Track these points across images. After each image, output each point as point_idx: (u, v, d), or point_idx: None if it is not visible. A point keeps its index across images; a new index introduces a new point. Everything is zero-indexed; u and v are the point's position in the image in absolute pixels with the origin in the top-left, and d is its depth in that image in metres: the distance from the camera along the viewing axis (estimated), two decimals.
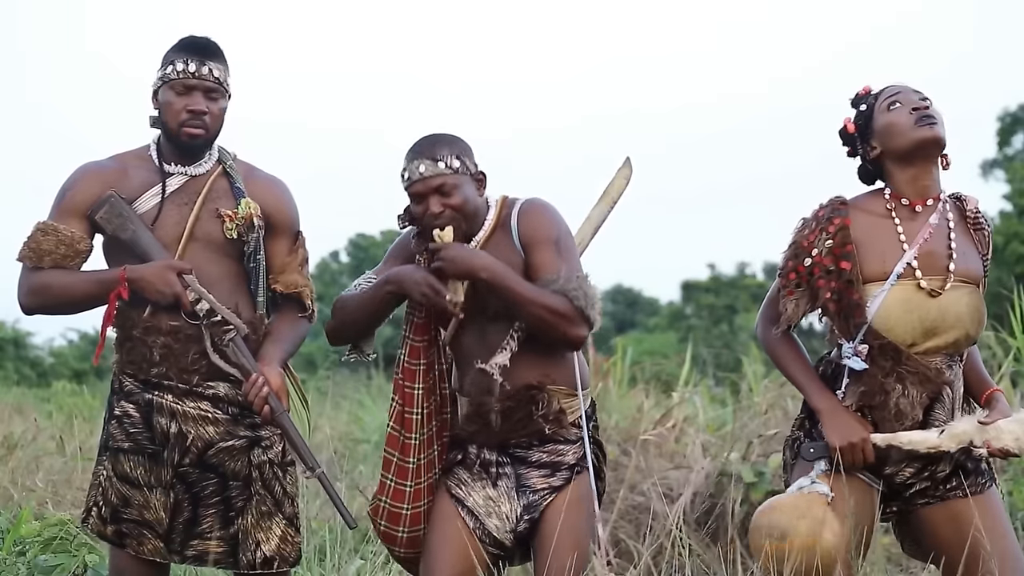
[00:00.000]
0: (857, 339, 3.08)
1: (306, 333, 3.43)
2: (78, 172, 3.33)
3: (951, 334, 3.09)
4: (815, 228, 3.13)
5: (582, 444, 3.20)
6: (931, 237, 3.11)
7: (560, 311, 3.06)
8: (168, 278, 3.20)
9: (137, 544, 3.28)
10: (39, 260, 3.25)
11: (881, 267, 3.09)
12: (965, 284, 3.12)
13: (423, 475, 3.22)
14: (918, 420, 3.08)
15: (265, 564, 3.30)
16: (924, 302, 3.07)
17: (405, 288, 3.12)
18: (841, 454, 3.03)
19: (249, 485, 3.30)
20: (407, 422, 3.20)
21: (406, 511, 3.21)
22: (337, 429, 8.55)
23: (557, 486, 3.17)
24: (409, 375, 3.21)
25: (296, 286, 3.38)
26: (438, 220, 3.12)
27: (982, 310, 3.14)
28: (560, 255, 3.12)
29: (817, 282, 3.11)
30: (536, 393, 3.15)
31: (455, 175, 3.13)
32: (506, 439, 3.18)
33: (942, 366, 3.09)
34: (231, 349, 3.23)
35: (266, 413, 3.21)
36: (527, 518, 3.18)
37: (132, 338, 3.27)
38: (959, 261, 3.11)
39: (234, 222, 3.29)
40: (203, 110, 3.26)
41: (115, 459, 3.29)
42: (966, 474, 3.12)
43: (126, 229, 3.25)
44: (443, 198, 3.13)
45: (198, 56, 3.28)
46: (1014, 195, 24.69)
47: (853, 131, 3.23)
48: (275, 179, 3.45)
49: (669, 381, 9.25)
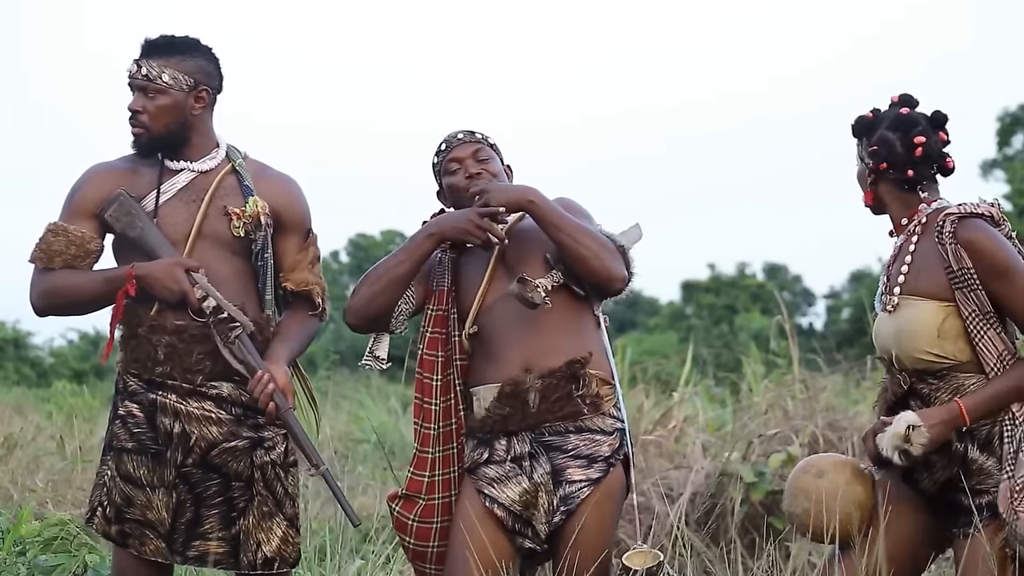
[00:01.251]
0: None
1: (316, 332, 3.44)
2: (88, 172, 3.34)
3: (902, 350, 3.12)
4: None
5: (617, 435, 3.18)
6: (893, 260, 3.20)
7: (604, 243, 3.15)
8: (176, 275, 3.20)
9: (139, 544, 3.28)
10: (50, 261, 3.26)
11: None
12: (920, 299, 3.10)
13: (438, 470, 3.23)
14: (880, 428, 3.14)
15: (266, 565, 3.29)
16: (884, 320, 3.19)
17: (445, 230, 3.19)
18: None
19: (251, 486, 3.29)
20: (427, 413, 3.23)
21: (422, 501, 3.23)
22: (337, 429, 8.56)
23: (595, 478, 3.13)
24: (428, 366, 3.25)
25: (307, 284, 3.38)
26: (476, 181, 3.22)
27: (936, 325, 3.07)
28: (591, 224, 3.23)
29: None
30: (578, 369, 3.13)
31: (490, 149, 3.32)
32: (541, 422, 3.14)
33: (912, 379, 3.11)
34: (237, 346, 3.23)
35: (271, 410, 3.22)
36: (563, 509, 3.13)
37: (137, 336, 3.27)
38: (909, 278, 3.12)
39: (241, 220, 3.29)
40: (137, 109, 3.30)
41: (119, 459, 3.29)
42: (960, 511, 3.10)
43: (134, 227, 3.26)
44: (480, 164, 3.27)
45: (140, 57, 3.32)
46: (1014, 195, 24.66)
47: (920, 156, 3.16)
48: (286, 177, 3.46)
49: (669, 381, 9.25)
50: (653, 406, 7.10)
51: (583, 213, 3.26)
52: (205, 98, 3.36)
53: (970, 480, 3.05)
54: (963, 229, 3.06)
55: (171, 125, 3.31)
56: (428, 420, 3.24)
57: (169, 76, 3.30)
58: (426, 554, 3.26)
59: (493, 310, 3.22)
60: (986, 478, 3.05)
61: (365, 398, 10.44)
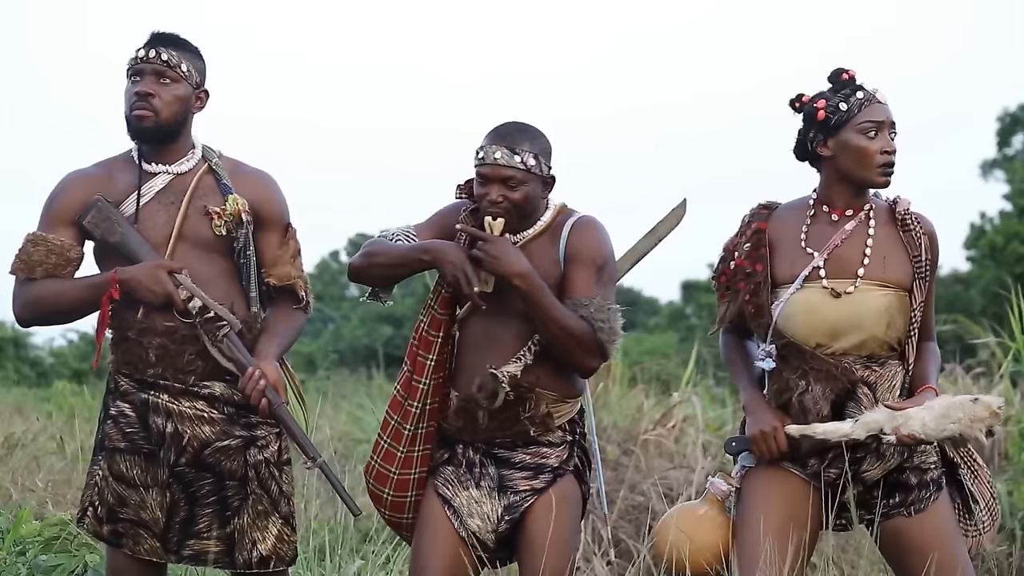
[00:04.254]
0: (767, 339, 3.18)
1: (302, 325, 3.44)
2: (63, 181, 3.33)
3: (855, 336, 3.15)
4: (739, 232, 3.26)
5: (565, 447, 3.22)
6: (844, 243, 3.17)
7: (580, 338, 3.11)
8: (159, 277, 3.20)
9: (134, 544, 3.28)
10: (31, 271, 3.25)
11: (789, 270, 3.19)
12: (882, 287, 3.15)
13: (417, 445, 3.26)
14: (824, 415, 3.13)
15: (261, 563, 3.30)
16: (827, 304, 3.15)
17: (440, 265, 3.15)
18: (756, 444, 3.14)
19: (245, 484, 3.30)
20: (413, 390, 3.24)
21: (394, 475, 3.28)
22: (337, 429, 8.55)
23: (539, 488, 3.19)
24: (426, 345, 3.24)
25: (289, 278, 3.38)
26: (493, 209, 3.16)
27: (895, 312, 3.16)
28: (599, 281, 3.17)
29: (737, 284, 3.22)
30: (524, 393, 3.15)
31: (526, 173, 3.16)
32: (491, 438, 3.21)
33: (856, 365, 3.14)
34: (226, 345, 3.23)
35: (264, 406, 3.22)
36: (508, 519, 3.20)
37: (127, 339, 3.27)
38: (872, 266, 3.16)
39: (222, 219, 3.29)
40: (149, 92, 3.26)
41: (111, 459, 3.29)
42: (907, 490, 3.17)
43: (114, 232, 3.25)
44: (507, 190, 3.16)
45: (149, 44, 3.30)
46: (1014, 195, 24.68)
47: (822, 120, 3.19)
48: (262, 173, 3.45)
49: (669, 381, 9.25)
50: (653, 406, 7.10)
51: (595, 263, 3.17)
52: (203, 99, 3.37)
53: (917, 459, 3.17)
54: (925, 223, 3.21)
55: (177, 116, 3.30)
56: (414, 397, 3.26)
57: (186, 66, 3.31)
58: (402, 524, 3.35)
59: (468, 323, 3.26)
60: (927, 457, 3.19)
61: (365, 399, 10.43)
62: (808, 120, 3.22)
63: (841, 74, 3.22)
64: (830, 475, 3.16)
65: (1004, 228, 23.81)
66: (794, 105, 3.26)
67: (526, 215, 3.20)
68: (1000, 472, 6.30)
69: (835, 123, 3.17)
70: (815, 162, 3.25)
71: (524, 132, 3.19)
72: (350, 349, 27.49)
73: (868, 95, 3.18)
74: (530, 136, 3.19)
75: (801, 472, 3.17)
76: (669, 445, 6.37)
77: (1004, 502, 5.54)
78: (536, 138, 3.20)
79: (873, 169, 3.15)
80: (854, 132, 3.15)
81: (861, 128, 3.14)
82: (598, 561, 4.28)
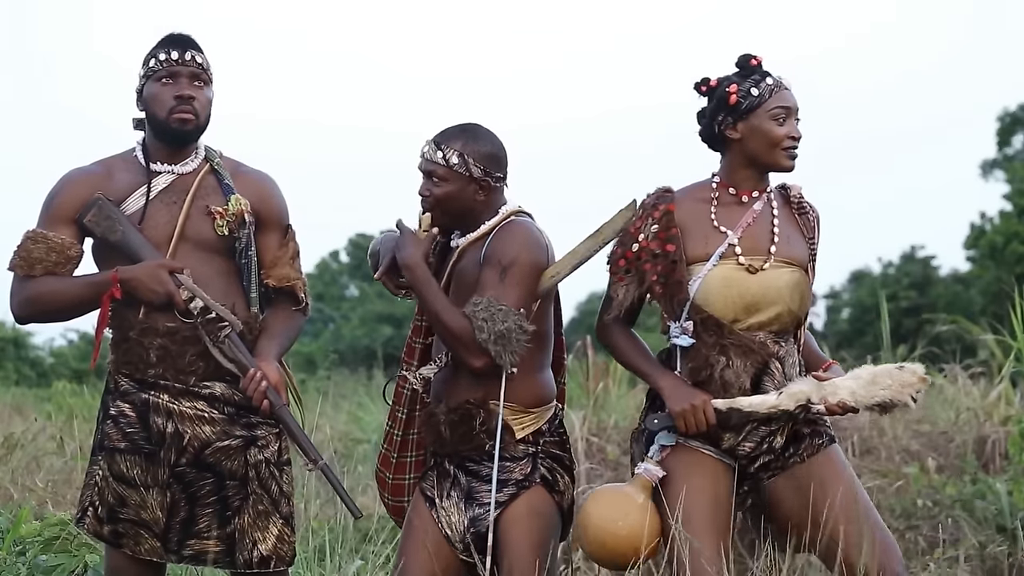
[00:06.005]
0: (683, 317, 3.22)
1: (301, 326, 3.45)
2: (63, 179, 3.32)
3: (772, 309, 3.22)
4: (642, 215, 3.27)
5: (528, 459, 3.23)
6: (754, 222, 3.26)
7: (457, 334, 3.13)
8: (160, 277, 3.20)
9: (134, 544, 3.28)
10: (30, 268, 3.24)
11: (704, 249, 3.23)
12: (788, 265, 3.25)
13: (409, 450, 3.38)
14: (745, 389, 3.18)
15: (262, 563, 3.30)
16: (744, 279, 3.22)
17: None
18: (684, 418, 3.15)
19: (246, 484, 3.30)
20: (398, 395, 3.36)
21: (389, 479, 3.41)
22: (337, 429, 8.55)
23: (502, 502, 3.20)
24: (409, 352, 3.36)
25: (288, 279, 3.38)
26: (421, 201, 3.27)
27: (804, 289, 3.27)
28: (501, 282, 3.14)
29: (644, 266, 3.25)
30: (472, 410, 3.17)
31: (447, 170, 3.21)
32: (455, 451, 3.24)
33: (767, 340, 3.22)
34: (227, 345, 3.23)
35: (265, 407, 3.22)
36: (472, 531, 3.22)
37: (128, 339, 3.26)
38: (781, 244, 3.26)
39: (225, 219, 3.29)
40: (191, 95, 3.26)
41: (111, 459, 3.29)
42: (801, 439, 3.24)
43: (115, 231, 3.24)
44: (431, 185, 3.24)
45: (179, 46, 3.29)
46: (1014, 195, 24.69)
47: (733, 104, 3.25)
48: (262, 174, 3.45)
49: None
50: None
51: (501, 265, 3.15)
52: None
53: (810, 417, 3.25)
54: (815, 208, 3.36)
55: (208, 118, 3.33)
56: (399, 403, 3.38)
57: (211, 69, 3.34)
58: (402, 510, 3.40)
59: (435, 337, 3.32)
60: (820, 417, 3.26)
61: (365, 398, 10.44)
62: (719, 103, 3.28)
63: (750, 59, 3.29)
64: (744, 449, 3.21)
65: (1004, 228, 23.81)
66: (700, 88, 3.33)
67: (453, 214, 3.25)
68: (1000, 472, 6.30)
69: (746, 108, 3.24)
70: (720, 145, 3.32)
71: (464, 132, 3.24)
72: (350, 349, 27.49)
73: (777, 82, 3.27)
74: (467, 137, 3.23)
75: (715, 452, 3.22)
76: None
77: (1004, 502, 5.55)
78: (475, 140, 3.23)
79: (780, 153, 3.24)
80: (765, 117, 3.23)
81: (772, 114, 3.23)
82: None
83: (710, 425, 3.15)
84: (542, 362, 3.28)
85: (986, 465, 6.54)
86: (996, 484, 5.74)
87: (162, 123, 3.28)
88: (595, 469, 6.08)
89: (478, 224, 3.26)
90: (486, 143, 3.24)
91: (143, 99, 3.32)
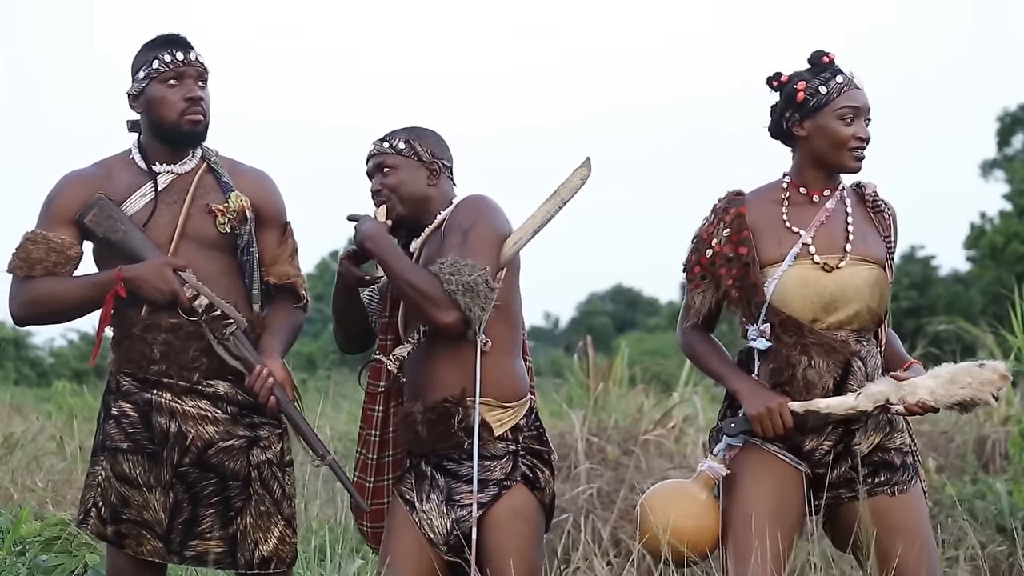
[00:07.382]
0: (760, 319, 3.18)
1: (302, 323, 3.45)
2: (62, 180, 3.32)
3: (851, 307, 3.18)
4: (713, 220, 3.25)
5: (508, 458, 3.20)
6: (827, 220, 3.22)
7: (424, 291, 3.09)
8: (165, 275, 3.20)
9: (136, 544, 3.28)
10: (30, 269, 3.23)
11: (777, 250, 3.20)
12: (865, 262, 3.22)
13: (386, 474, 3.37)
14: (829, 390, 3.14)
15: (263, 564, 3.30)
16: (821, 278, 3.17)
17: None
18: (760, 422, 3.11)
19: (248, 485, 3.30)
20: (366, 417, 3.37)
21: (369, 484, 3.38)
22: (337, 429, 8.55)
23: (484, 502, 3.17)
24: (375, 373, 3.35)
25: (288, 277, 3.38)
26: (375, 198, 3.29)
27: (883, 286, 3.24)
28: (464, 243, 3.13)
29: (719, 271, 3.21)
30: (450, 408, 3.15)
31: (395, 156, 3.28)
32: (433, 450, 3.21)
33: (849, 339, 3.18)
34: (232, 343, 3.23)
35: (272, 404, 3.22)
36: (455, 533, 3.20)
37: (131, 336, 3.26)
38: (856, 242, 3.22)
39: (226, 216, 3.29)
40: (201, 96, 3.28)
41: (113, 459, 3.28)
42: (893, 470, 3.19)
43: (116, 231, 3.24)
44: (383, 177, 3.28)
45: (182, 47, 3.30)
46: (1014, 195, 24.69)
47: (800, 101, 3.21)
48: (259, 171, 3.45)
49: (669, 381, 9.25)
50: (653, 406, 7.10)
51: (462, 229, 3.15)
52: None
53: (898, 439, 3.21)
54: (891, 206, 3.32)
55: (210, 118, 3.34)
56: (369, 424, 3.37)
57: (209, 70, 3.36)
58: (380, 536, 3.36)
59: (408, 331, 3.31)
60: (905, 438, 3.23)
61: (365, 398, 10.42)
62: (787, 100, 3.25)
63: (822, 56, 3.24)
64: (821, 451, 3.17)
65: (1004, 228, 23.82)
66: (771, 83, 3.30)
67: (407, 201, 3.27)
68: (1000, 472, 6.30)
69: (813, 105, 3.20)
70: (789, 141, 3.29)
71: (407, 129, 3.33)
72: None
73: (847, 80, 3.22)
74: (410, 130, 3.33)
75: (789, 456, 3.17)
76: (669, 445, 6.37)
77: (1004, 502, 5.55)
78: (412, 130, 3.33)
79: (846, 154, 3.20)
80: (832, 116, 3.19)
81: (839, 113, 3.18)
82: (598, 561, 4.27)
83: (787, 428, 3.11)
84: (515, 344, 3.26)
85: (986, 465, 6.53)
86: (996, 484, 5.74)
87: (172, 125, 3.27)
88: (595, 469, 6.07)
89: (432, 217, 3.28)
90: (429, 134, 3.34)
91: (144, 101, 3.30)
